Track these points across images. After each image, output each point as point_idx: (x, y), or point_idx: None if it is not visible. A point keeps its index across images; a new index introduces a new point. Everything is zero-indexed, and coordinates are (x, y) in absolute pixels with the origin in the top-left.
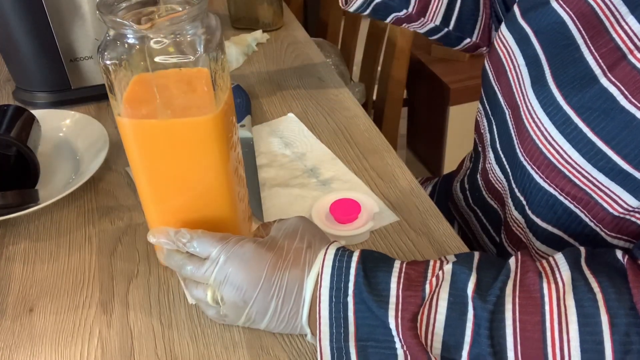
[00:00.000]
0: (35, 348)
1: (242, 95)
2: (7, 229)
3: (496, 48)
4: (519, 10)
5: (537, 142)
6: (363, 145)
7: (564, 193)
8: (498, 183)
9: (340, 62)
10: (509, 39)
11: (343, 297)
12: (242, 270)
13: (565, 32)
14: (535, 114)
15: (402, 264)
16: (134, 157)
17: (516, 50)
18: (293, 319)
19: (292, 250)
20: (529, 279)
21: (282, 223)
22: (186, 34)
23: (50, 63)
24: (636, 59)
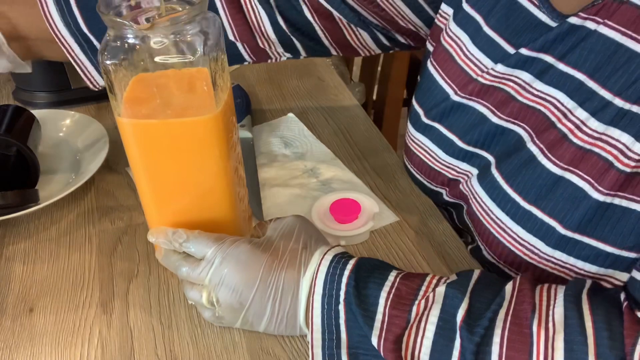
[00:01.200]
0: (35, 348)
1: (242, 95)
2: (7, 229)
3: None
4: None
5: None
6: (363, 145)
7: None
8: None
9: (340, 62)
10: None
11: (335, 304)
12: (237, 272)
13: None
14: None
15: (397, 276)
16: (134, 157)
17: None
18: (292, 320)
19: (288, 251)
20: (523, 311)
21: (279, 222)
22: (186, 34)
23: (50, 63)
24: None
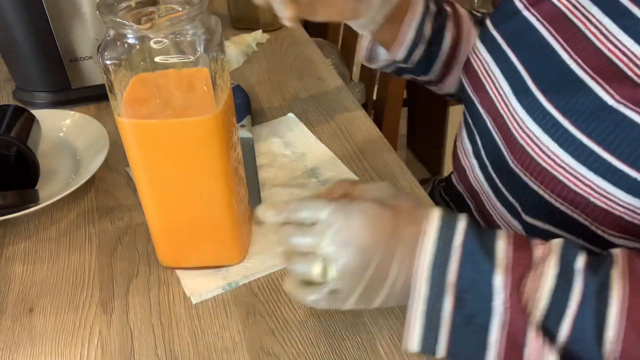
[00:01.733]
0: (35, 348)
1: (242, 95)
2: (7, 229)
3: (471, 61)
4: (491, 24)
5: (528, 150)
6: (363, 145)
7: (561, 198)
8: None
9: (340, 62)
10: (482, 50)
11: (448, 248)
12: (362, 229)
13: (538, 38)
14: (523, 122)
15: (508, 231)
16: (134, 157)
17: (490, 61)
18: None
19: (406, 209)
20: (638, 265)
21: (375, 185)
22: (186, 34)
23: (50, 63)
24: (620, 61)
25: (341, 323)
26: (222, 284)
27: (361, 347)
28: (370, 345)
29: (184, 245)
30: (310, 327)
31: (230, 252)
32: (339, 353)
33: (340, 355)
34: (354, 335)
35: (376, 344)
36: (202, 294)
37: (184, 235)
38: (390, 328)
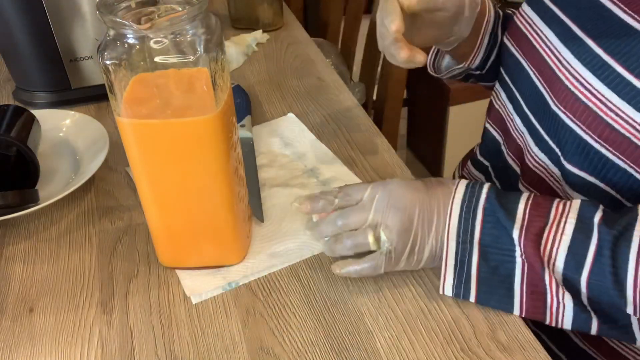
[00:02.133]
0: (35, 348)
1: (242, 95)
2: (7, 229)
3: (516, 22)
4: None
5: (573, 90)
6: (363, 145)
7: (602, 139)
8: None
9: (340, 62)
10: (528, 11)
11: (474, 208)
12: (401, 193)
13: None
14: (569, 64)
15: (530, 194)
16: (134, 157)
17: (537, 19)
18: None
19: (434, 180)
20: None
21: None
22: (186, 34)
23: (50, 63)
24: None
25: (341, 323)
26: (222, 284)
27: (361, 347)
28: (370, 345)
29: (184, 245)
30: (310, 327)
31: (230, 252)
32: (339, 353)
33: (340, 355)
34: (354, 335)
35: (376, 344)
36: (202, 294)
37: (184, 235)
38: (390, 328)
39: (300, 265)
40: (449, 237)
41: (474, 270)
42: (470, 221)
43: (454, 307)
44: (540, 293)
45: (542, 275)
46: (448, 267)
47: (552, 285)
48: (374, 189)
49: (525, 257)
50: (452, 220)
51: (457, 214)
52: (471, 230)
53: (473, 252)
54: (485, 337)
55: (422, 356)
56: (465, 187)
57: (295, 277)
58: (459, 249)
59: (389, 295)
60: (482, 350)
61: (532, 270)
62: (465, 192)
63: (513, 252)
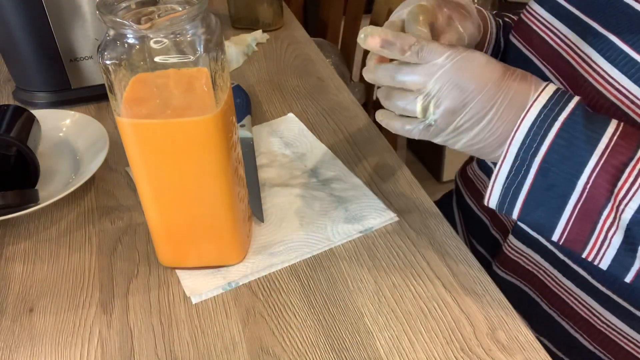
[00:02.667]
0: (35, 348)
1: (242, 95)
2: (7, 229)
3: (523, 20)
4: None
5: (598, 88)
6: (363, 145)
7: None
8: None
9: (340, 62)
10: (535, 7)
11: (552, 119)
12: (471, 73)
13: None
14: (595, 63)
15: (619, 122)
16: (134, 157)
17: (548, 17)
18: (504, 135)
19: (519, 71)
20: None
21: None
22: (186, 34)
23: (50, 63)
24: None
25: (341, 323)
26: (222, 284)
27: (361, 347)
28: (370, 345)
29: (184, 245)
30: (310, 327)
31: (230, 252)
32: (339, 353)
33: (340, 355)
34: (354, 335)
35: (376, 344)
36: (202, 294)
37: (184, 235)
38: (390, 328)
39: (300, 265)
40: (513, 142)
41: (528, 182)
42: (542, 131)
43: (454, 307)
44: (591, 222)
45: (601, 209)
46: (499, 176)
47: (607, 221)
48: (450, 56)
49: (592, 188)
50: (524, 124)
51: (533, 118)
52: (539, 142)
53: (532, 165)
54: (485, 337)
55: (422, 356)
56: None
57: (295, 277)
58: (518, 157)
59: (389, 295)
60: (482, 350)
61: (592, 201)
62: (549, 101)
63: (577, 178)
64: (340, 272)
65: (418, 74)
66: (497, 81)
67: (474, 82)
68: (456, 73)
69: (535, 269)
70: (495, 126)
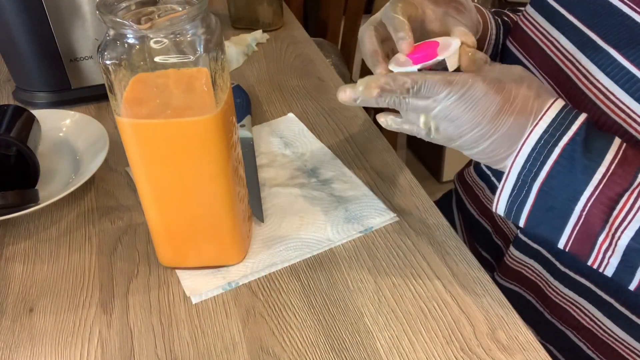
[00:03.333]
0: (35, 348)
1: (242, 95)
2: (7, 229)
3: (521, 26)
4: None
5: (598, 104)
6: (363, 145)
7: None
8: None
9: (340, 62)
10: (534, 15)
11: (552, 145)
12: (468, 111)
13: (602, 2)
14: (593, 77)
15: (623, 142)
16: (134, 157)
17: (546, 24)
18: (504, 155)
19: (520, 96)
20: None
21: (506, 68)
22: (186, 34)
23: (50, 63)
24: None
25: (341, 323)
26: (222, 284)
27: (361, 347)
28: (370, 345)
29: (184, 245)
30: (310, 327)
31: (230, 252)
32: (339, 353)
33: (340, 355)
34: (354, 335)
35: (376, 344)
36: (202, 294)
37: (184, 235)
38: (390, 328)
39: (300, 265)
40: (514, 165)
41: (530, 202)
42: (542, 157)
43: (454, 307)
44: (589, 243)
45: (597, 234)
46: (504, 191)
47: (604, 245)
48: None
49: (587, 215)
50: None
51: (531, 145)
52: (539, 167)
53: (532, 188)
54: (485, 337)
55: (422, 356)
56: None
57: (295, 277)
58: (519, 179)
59: (389, 295)
60: (482, 350)
61: (589, 226)
62: (551, 125)
63: (574, 204)
64: (340, 272)
65: (424, 104)
66: (493, 117)
67: (468, 121)
68: (453, 110)
69: (538, 278)
70: (493, 152)
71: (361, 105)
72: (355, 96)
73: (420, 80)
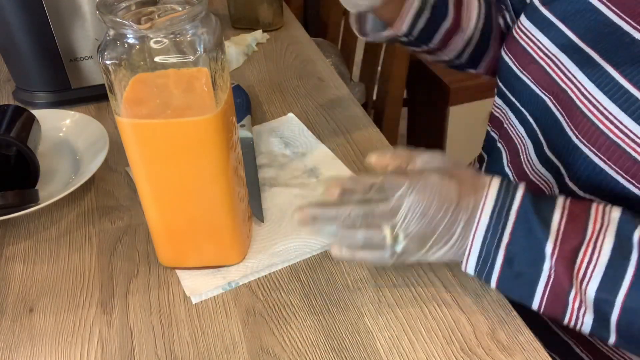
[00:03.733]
0: (35, 348)
1: (242, 95)
2: (7, 229)
3: (516, 38)
4: (539, 1)
5: (596, 123)
6: (363, 145)
7: (629, 175)
8: (534, 174)
9: (340, 62)
10: (530, 29)
11: (506, 211)
12: (433, 201)
13: (603, 19)
14: (591, 95)
15: (566, 199)
16: (134, 157)
17: (543, 39)
18: (469, 240)
19: (468, 177)
20: None
21: (433, 157)
22: (186, 34)
23: (50, 63)
24: None
25: (341, 323)
26: (222, 284)
27: (361, 347)
28: (370, 345)
29: (184, 245)
30: (310, 327)
31: (230, 252)
32: (339, 353)
33: (340, 355)
34: (354, 335)
35: (376, 344)
36: (202, 294)
37: (184, 235)
38: (390, 328)
39: (300, 265)
40: (475, 239)
41: (497, 271)
42: (501, 225)
43: (454, 307)
44: (562, 306)
45: (567, 292)
46: (469, 265)
47: (575, 303)
48: (410, 186)
49: (555, 274)
50: (482, 220)
51: (488, 214)
52: (500, 235)
53: (498, 255)
54: (485, 337)
55: (422, 356)
56: (498, 189)
57: (295, 277)
58: (482, 251)
59: (389, 295)
60: (482, 350)
61: (559, 286)
62: (498, 196)
63: (541, 265)
64: (340, 272)
65: (383, 210)
66: (457, 200)
67: (435, 211)
68: (420, 205)
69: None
70: (463, 240)
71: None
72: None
73: (381, 177)
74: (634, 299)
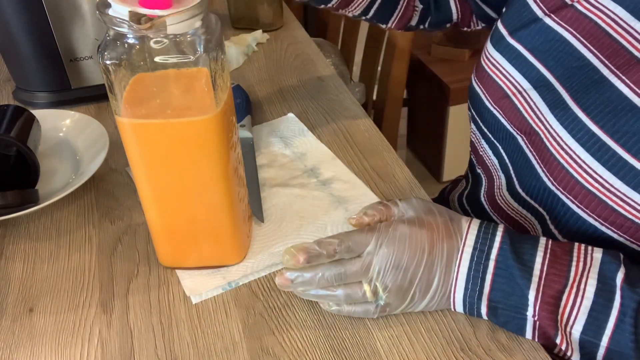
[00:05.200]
0: (35, 348)
1: (242, 95)
2: (7, 229)
3: (486, 70)
4: (505, 29)
5: (570, 171)
6: (363, 145)
7: (608, 223)
8: (512, 210)
9: (340, 62)
10: (500, 60)
11: (485, 259)
12: (405, 252)
13: (573, 52)
14: (563, 141)
15: (548, 240)
16: (134, 157)
17: (514, 72)
18: (451, 290)
19: (440, 224)
20: None
21: (409, 203)
22: (186, 34)
23: (50, 63)
24: None
25: (341, 323)
26: (222, 284)
27: (361, 347)
28: (370, 345)
29: (184, 245)
30: (310, 327)
31: (230, 252)
32: (339, 353)
33: (340, 355)
34: (354, 335)
35: (376, 344)
36: (202, 294)
37: (184, 235)
38: (390, 328)
39: None
40: (456, 289)
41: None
42: (480, 274)
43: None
44: (552, 344)
45: (554, 335)
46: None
47: (562, 344)
48: (377, 241)
49: (539, 320)
50: (462, 271)
51: (467, 265)
52: (480, 284)
53: (481, 306)
54: (485, 337)
55: (422, 356)
56: (476, 236)
57: None
58: (466, 302)
59: None
60: (482, 350)
61: (544, 331)
62: (477, 242)
63: (525, 311)
64: None
65: (356, 268)
66: (429, 248)
67: (410, 260)
68: (392, 257)
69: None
70: (444, 288)
71: (304, 295)
72: (291, 276)
73: (346, 238)
74: (618, 342)
